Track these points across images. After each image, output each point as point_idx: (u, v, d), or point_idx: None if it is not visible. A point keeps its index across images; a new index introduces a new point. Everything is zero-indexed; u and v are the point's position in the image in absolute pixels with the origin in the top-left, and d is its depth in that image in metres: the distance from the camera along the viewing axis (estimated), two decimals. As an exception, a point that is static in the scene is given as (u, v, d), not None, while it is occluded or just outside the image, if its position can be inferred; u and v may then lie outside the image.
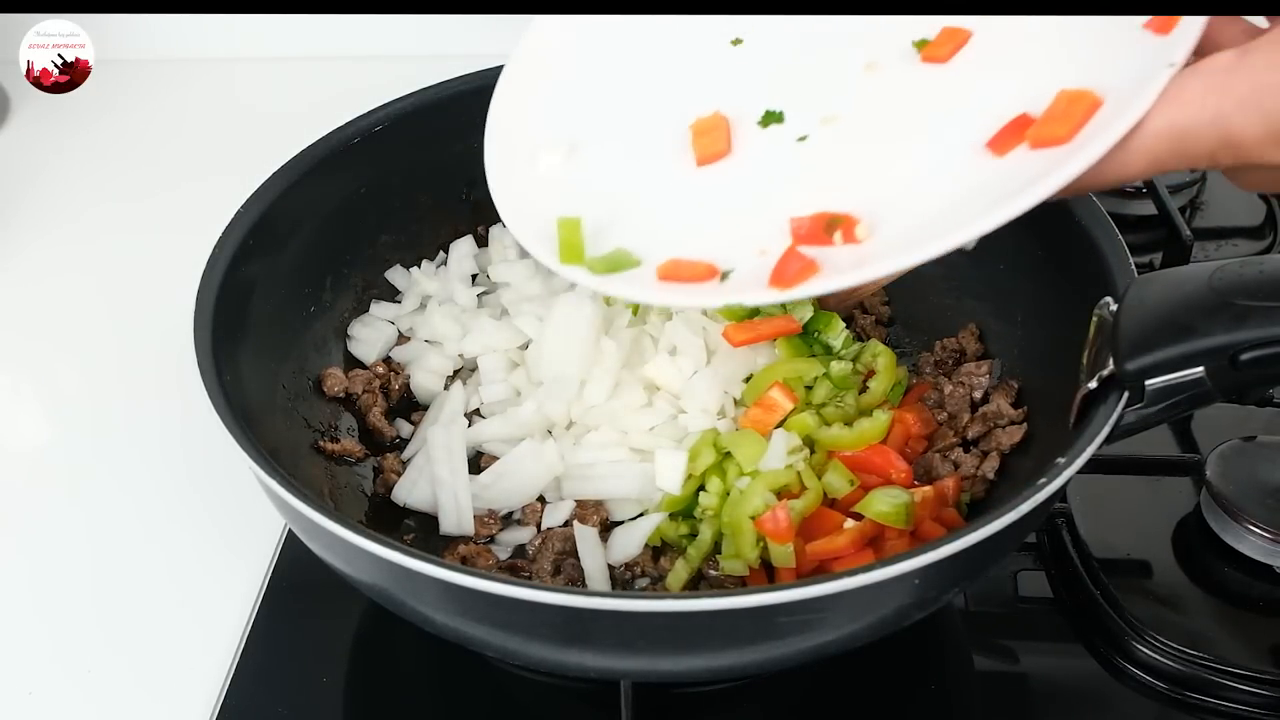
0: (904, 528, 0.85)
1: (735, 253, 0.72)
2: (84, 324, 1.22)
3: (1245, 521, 0.90)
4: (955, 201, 0.66)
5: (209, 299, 0.84)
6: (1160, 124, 0.59)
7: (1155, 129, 0.59)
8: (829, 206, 0.71)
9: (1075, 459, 0.71)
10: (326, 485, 0.92)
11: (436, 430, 0.95)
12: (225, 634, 0.91)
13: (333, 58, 1.57)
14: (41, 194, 1.40)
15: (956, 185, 0.67)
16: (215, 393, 0.77)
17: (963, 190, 0.67)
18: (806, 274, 0.68)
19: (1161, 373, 0.73)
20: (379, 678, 0.88)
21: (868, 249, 0.69)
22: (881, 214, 0.70)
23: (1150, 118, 0.59)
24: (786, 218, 0.71)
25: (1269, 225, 1.27)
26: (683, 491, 0.91)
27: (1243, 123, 0.57)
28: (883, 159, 0.73)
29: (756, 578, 0.86)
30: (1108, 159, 0.60)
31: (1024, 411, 0.93)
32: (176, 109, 1.54)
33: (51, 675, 0.90)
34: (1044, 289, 0.94)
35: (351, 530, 0.69)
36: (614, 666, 0.76)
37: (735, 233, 0.74)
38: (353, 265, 1.06)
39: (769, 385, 0.94)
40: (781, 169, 0.76)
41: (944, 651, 0.91)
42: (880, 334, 1.07)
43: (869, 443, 0.92)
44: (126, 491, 1.04)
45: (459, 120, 1.08)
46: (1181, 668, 0.85)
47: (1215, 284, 0.71)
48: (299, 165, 0.97)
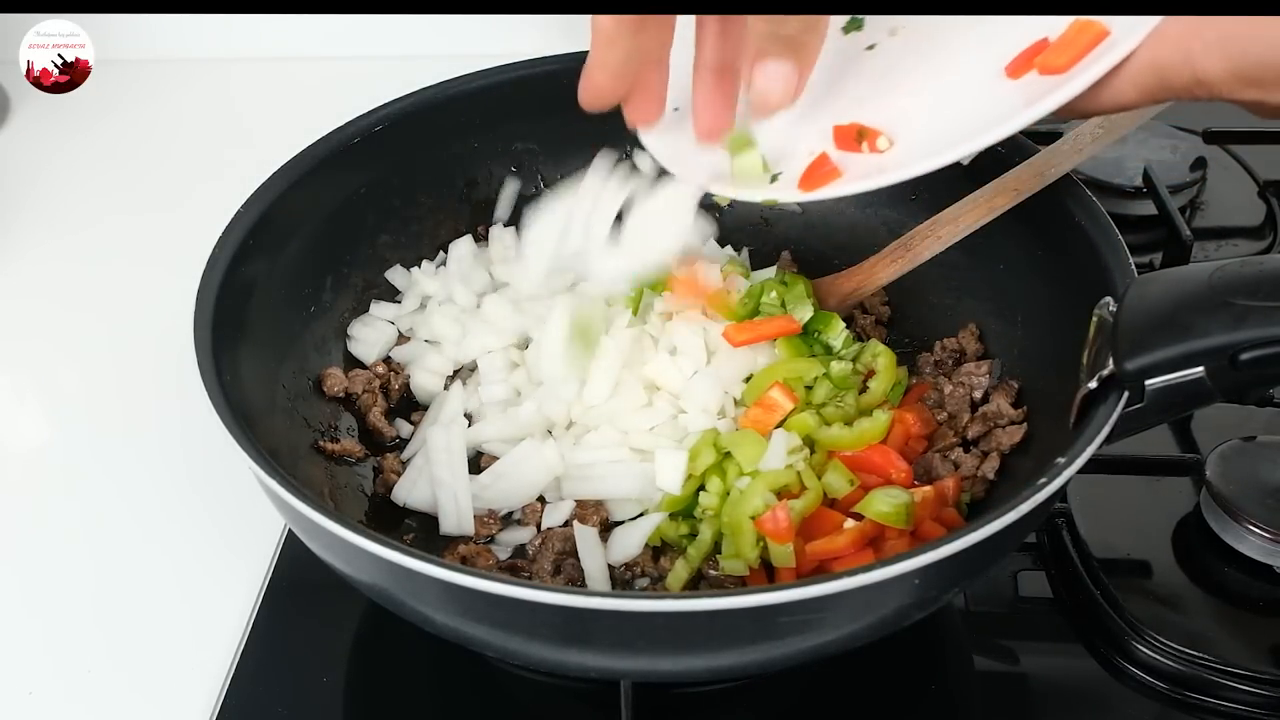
0: (904, 528, 0.85)
1: (789, 154, 0.81)
2: (84, 324, 1.22)
3: (1245, 521, 0.90)
4: (966, 119, 0.74)
5: (209, 299, 0.84)
6: (1145, 59, 0.67)
7: (1141, 63, 0.67)
8: (864, 118, 0.79)
9: (1075, 459, 0.71)
10: (326, 485, 0.92)
11: (436, 431, 0.95)
12: (225, 634, 0.91)
13: (333, 58, 1.57)
14: (41, 194, 1.40)
15: (972, 105, 0.75)
16: (215, 393, 0.77)
17: (975, 110, 0.74)
18: (829, 178, 0.78)
19: (1161, 372, 0.73)
20: (379, 678, 0.88)
21: (886, 159, 0.77)
22: (904, 127, 0.78)
23: (1137, 53, 0.67)
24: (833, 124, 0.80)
25: (1269, 225, 1.27)
26: (683, 492, 0.91)
27: (1208, 64, 0.64)
28: (922, 75, 0.80)
29: (756, 578, 0.86)
30: (1104, 86, 0.69)
31: (1024, 411, 0.93)
32: (176, 109, 1.54)
33: (51, 675, 0.90)
34: (1044, 289, 0.94)
35: (351, 530, 0.69)
36: (614, 666, 0.76)
37: (794, 135, 0.82)
38: (353, 265, 1.06)
39: (769, 385, 0.94)
40: (846, 76, 0.83)
41: (944, 651, 0.91)
42: (880, 334, 1.07)
43: (869, 443, 0.92)
44: (126, 491, 1.04)
45: (459, 120, 1.09)
46: (1181, 668, 0.85)
47: (1215, 284, 0.71)
48: (299, 165, 0.97)
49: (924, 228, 0.98)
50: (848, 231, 1.12)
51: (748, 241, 1.16)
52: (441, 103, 1.06)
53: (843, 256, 1.11)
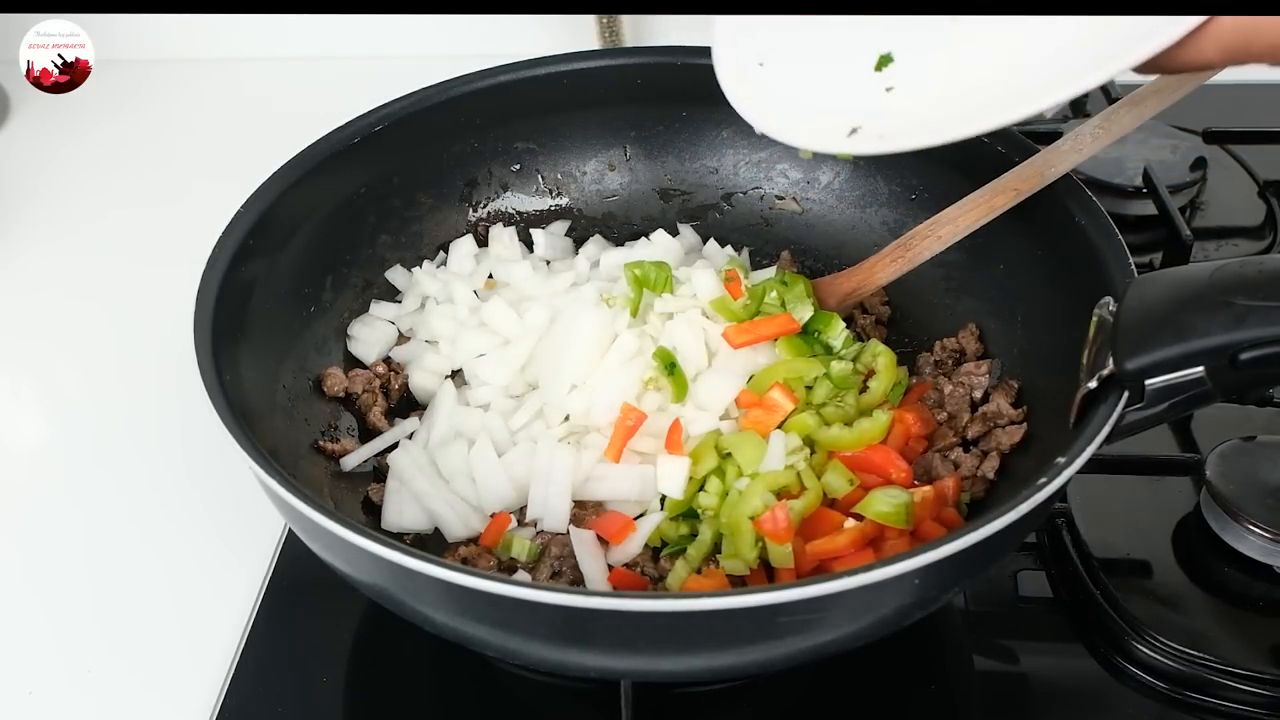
0: (904, 528, 0.85)
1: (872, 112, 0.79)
2: (84, 324, 1.22)
3: (1245, 521, 0.90)
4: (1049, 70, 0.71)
5: (209, 299, 0.84)
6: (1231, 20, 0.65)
7: (1227, 23, 0.65)
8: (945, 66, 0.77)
9: (1075, 459, 0.71)
10: (326, 485, 0.92)
11: (396, 455, 0.95)
12: (225, 634, 0.91)
13: (333, 58, 1.57)
14: (42, 194, 1.40)
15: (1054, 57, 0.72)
16: (215, 393, 0.77)
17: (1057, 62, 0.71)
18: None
19: (1161, 372, 0.73)
20: (379, 678, 0.88)
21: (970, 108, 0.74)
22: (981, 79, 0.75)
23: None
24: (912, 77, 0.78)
25: (1269, 225, 1.27)
26: (684, 494, 0.91)
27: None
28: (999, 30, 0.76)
29: (756, 578, 0.86)
30: (1187, 44, 0.66)
31: (1024, 411, 0.93)
32: (177, 109, 1.54)
33: (51, 675, 0.90)
34: (1044, 289, 0.94)
35: (351, 530, 0.69)
36: (614, 666, 0.76)
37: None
38: (353, 265, 1.06)
39: (770, 385, 0.94)
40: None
41: (944, 651, 0.91)
42: (880, 334, 1.07)
43: (869, 443, 0.92)
44: (126, 492, 1.04)
45: (459, 120, 1.09)
46: (1181, 668, 0.85)
47: (1215, 283, 0.71)
48: (299, 165, 0.97)
49: (924, 228, 0.98)
50: (848, 231, 1.13)
51: (748, 241, 1.16)
52: (441, 103, 1.06)
53: (843, 256, 1.11)
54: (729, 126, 1.14)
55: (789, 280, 1.01)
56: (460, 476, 0.94)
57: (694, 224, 1.16)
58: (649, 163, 1.17)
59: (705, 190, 1.17)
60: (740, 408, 0.96)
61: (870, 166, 1.11)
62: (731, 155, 1.16)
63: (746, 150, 1.15)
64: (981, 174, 0.96)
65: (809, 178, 1.14)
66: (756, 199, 1.16)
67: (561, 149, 1.15)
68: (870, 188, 1.11)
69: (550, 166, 1.15)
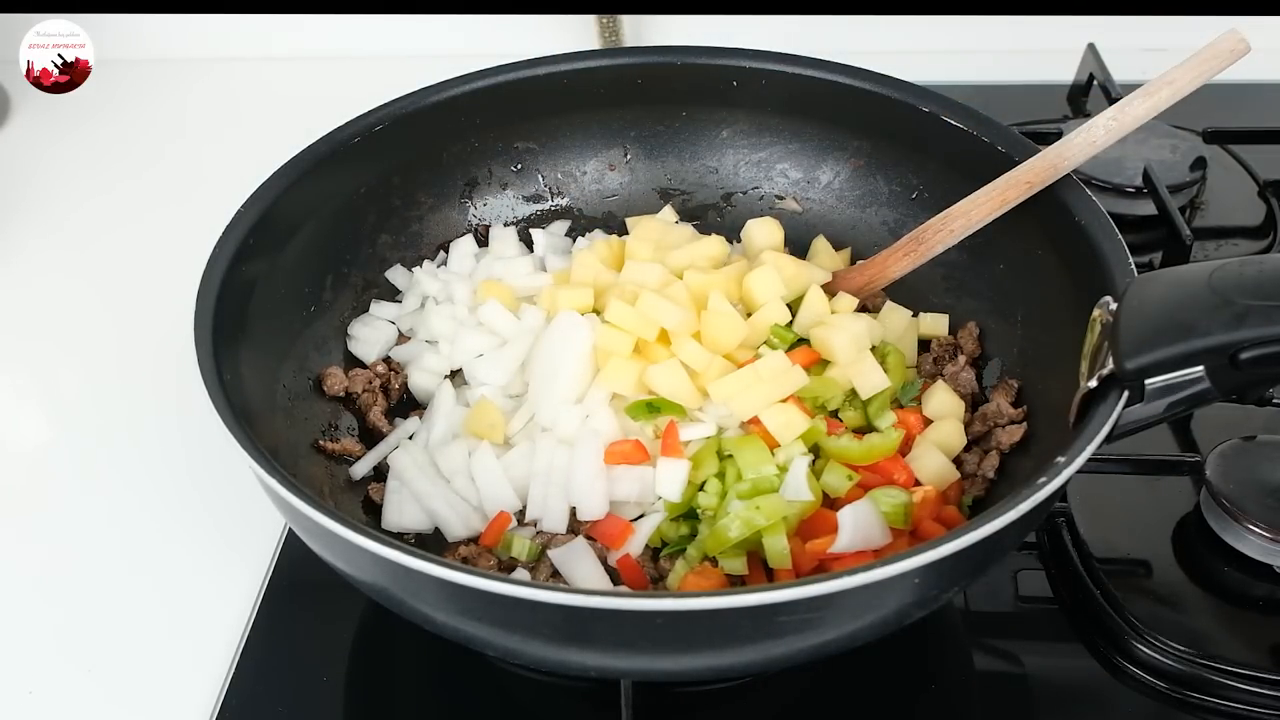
0: (903, 528, 0.85)
1: None
2: (84, 324, 1.22)
3: (1245, 521, 0.90)
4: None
5: (209, 299, 0.84)
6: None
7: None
8: None
9: (1075, 458, 0.71)
10: (326, 485, 0.92)
11: (397, 455, 0.95)
12: (225, 634, 0.91)
13: (333, 58, 1.57)
14: (41, 194, 1.40)
15: None
16: (215, 393, 0.77)
17: None
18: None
19: (1161, 372, 0.73)
20: (379, 678, 0.88)
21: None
22: None
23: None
24: None
25: (1269, 225, 1.27)
26: (684, 497, 0.91)
27: None
28: None
29: (756, 578, 0.86)
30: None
31: (1024, 411, 0.93)
32: (176, 109, 1.54)
33: (52, 675, 0.90)
34: (1044, 289, 0.94)
35: (351, 530, 0.69)
36: (614, 666, 0.76)
37: None
38: (353, 265, 1.06)
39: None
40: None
41: (944, 651, 0.91)
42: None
43: (877, 458, 0.91)
44: (126, 491, 1.04)
45: (459, 120, 1.09)
46: (1181, 668, 0.85)
47: (1215, 283, 0.71)
48: (299, 165, 0.97)
49: (936, 221, 0.98)
50: (848, 231, 1.12)
51: (748, 241, 1.16)
52: (441, 103, 1.06)
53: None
54: (729, 126, 1.14)
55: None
56: (460, 476, 0.94)
57: (694, 224, 1.16)
58: (649, 163, 1.17)
59: (705, 190, 1.17)
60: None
61: (870, 166, 1.11)
62: (731, 155, 1.16)
63: (746, 150, 1.15)
64: (982, 174, 0.96)
65: (809, 178, 1.14)
66: (756, 199, 1.16)
67: (561, 149, 1.15)
68: (870, 188, 1.11)
69: (550, 166, 1.15)
